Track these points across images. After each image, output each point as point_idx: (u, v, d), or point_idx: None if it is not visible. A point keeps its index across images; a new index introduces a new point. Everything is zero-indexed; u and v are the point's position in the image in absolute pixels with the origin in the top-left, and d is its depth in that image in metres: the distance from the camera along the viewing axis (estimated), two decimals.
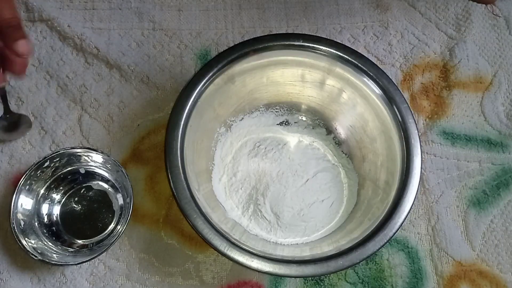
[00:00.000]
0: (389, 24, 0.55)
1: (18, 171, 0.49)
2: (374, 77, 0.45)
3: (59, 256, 0.43)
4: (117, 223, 0.47)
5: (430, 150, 0.50)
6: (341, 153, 0.50)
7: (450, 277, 0.46)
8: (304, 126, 0.51)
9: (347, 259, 0.39)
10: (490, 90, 0.53)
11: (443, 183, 0.49)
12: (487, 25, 0.55)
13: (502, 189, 0.49)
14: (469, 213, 0.48)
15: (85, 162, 0.47)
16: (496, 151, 0.50)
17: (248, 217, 0.46)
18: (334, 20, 0.56)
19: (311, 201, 0.46)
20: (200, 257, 0.46)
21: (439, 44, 0.55)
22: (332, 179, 0.48)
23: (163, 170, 0.45)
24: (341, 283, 0.46)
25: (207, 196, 0.45)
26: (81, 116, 0.51)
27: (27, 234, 0.44)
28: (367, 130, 0.47)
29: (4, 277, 0.45)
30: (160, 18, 0.55)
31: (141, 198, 0.48)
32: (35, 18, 0.54)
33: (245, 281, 0.46)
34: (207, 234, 0.39)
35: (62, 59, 0.53)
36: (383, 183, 0.45)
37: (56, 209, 0.47)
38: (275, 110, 0.51)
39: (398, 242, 0.47)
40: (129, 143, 0.50)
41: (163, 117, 0.51)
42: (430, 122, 0.51)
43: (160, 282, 0.46)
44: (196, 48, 0.54)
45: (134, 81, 0.52)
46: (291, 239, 0.46)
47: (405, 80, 0.53)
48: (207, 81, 0.44)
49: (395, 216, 0.40)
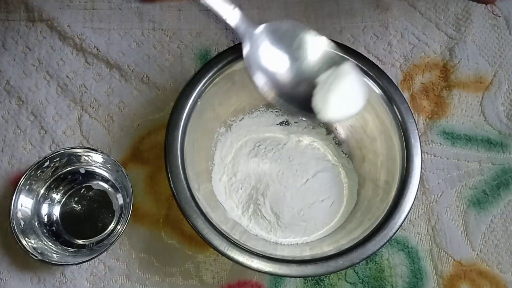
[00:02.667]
0: (389, 24, 0.55)
1: (18, 171, 0.49)
2: (374, 77, 0.45)
3: (59, 256, 0.43)
4: (117, 223, 0.47)
5: (430, 150, 0.50)
6: (341, 153, 0.50)
7: (450, 277, 0.46)
8: (304, 126, 0.51)
9: (347, 259, 0.39)
10: (490, 90, 0.53)
11: (443, 183, 0.49)
12: (487, 25, 0.55)
13: (502, 189, 0.49)
14: (469, 213, 0.48)
15: (85, 162, 0.47)
16: (496, 151, 0.50)
17: (248, 217, 0.46)
18: (334, 20, 0.56)
19: (311, 201, 0.46)
20: (200, 257, 0.46)
21: (439, 44, 0.55)
22: (332, 179, 0.48)
23: (163, 170, 0.45)
24: (341, 283, 0.46)
25: (207, 196, 0.45)
26: (81, 116, 0.51)
27: (27, 234, 0.44)
28: (367, 130, 0.47)
29: (4, 277, 0.45)
30: (160, 18, 0.55)
31: (141, 198, 0.48)
32: (35, 18, 0.54)
33: (245, 281, 0.46)
34: (207, 234, 0.39)
35: (62, 59, 0.53)
36: (383, 183, 0.45)
37: (56, 209, 0.47)
38: (275, 110, 0.51)
39: (398, 242, 0.47)
40: (129, 143, 0.50)
41: (163, 117, 0.51)
42: (430, 122, 0.51)
43: (160, 282, 0.46)
44: (196, 48, 0.54)
45: (134, 81, 0.52)
46: (291, 239, 0.46)
47: (405, 80, 0.53)
48: (207, 81, 0.44)
49: (395, 216, 0.40)
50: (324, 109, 0.35)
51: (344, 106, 0.35)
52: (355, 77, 0.36)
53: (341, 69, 0.35)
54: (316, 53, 0.35)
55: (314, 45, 0.35)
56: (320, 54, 0.35)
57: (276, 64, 0.34)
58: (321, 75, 0.36)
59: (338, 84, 0.35)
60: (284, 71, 0.35)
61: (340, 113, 0.35)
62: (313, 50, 0.35)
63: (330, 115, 0.35)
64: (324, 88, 0.35)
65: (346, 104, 0.35)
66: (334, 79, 0.35)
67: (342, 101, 0.35)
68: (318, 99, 0.35)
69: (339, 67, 0.35)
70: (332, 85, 0.35)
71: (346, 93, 0.35)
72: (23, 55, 0.53)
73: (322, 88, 0.35)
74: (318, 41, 0.35)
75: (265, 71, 0.34)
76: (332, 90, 0.35)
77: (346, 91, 0.35)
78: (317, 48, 0.35)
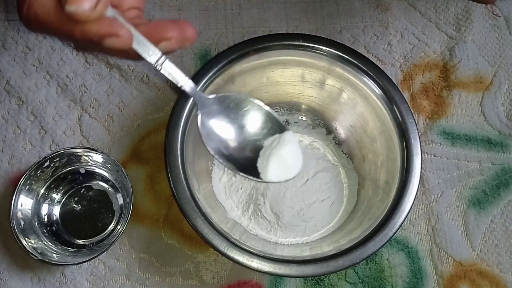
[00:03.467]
0: (389, 24, 0.55)
1: (18, 171, 0.49)
2: (374, 77, 0.45)
3: (59, 256, 0.43)
4: (117, 223, 0.47)
5: (430, 150, 0.50)
6: (341, 153, 0.50)
7: (450, 277, 0.46)
8: (304, 126, 0.51)
9: (347, 259, 0.39)
10: (490, 90, 0.53)
11: (443, 183, 0.49)
12: (487, 25, 0.55)
13: (502, 189, 0.49)
14: (469, 213, 0.48)
15: (85, 162, 0.47)
16: (496, 151, 0.50)
17: (248, 217, 0.46)
18: (334, 20, 0.56)
19: (311, 201, 0.46)
20: (200, 257, 0.46)
21: (439, 44, 0.55)
22: (332, 179, 0.48)
23: (163, 170, 0.45)
24: (341, 283, 0.46)
25: (207, 196, 0.45)
26: (81, 116, 0.51)
27: (27, 234, 0.43)
28: (367, 130, 0.47)
29: (4, 277, 0.45)
30: (160, 18, 0.55)
31: (141, 198, 0.48)
32: None
33: (245, 281, 0.46)
34: (207, 234, 0.39)
35: (62, 59, 0.53)
36: (383, 183, 0.45)
37: (56, 209, 0.47)
38: (275, 110, 0.51)
39: (398, 242, 0.47)
40: (129, 143, 0.50)
41: (163, 117, 0.51)
42: (430, 122, 0.51)
43: (160, 282, 0.46)
44: (196, 48, 0.54)
45: (134, 81, 0.52)
46: (291, 239, 0.46)
47: (405, 80, 0.53)
48: (207, 81, 0.44)
49: (395, 216, 0.40)
50: (265, 172, 0.39)
51: (282, 171, 0.40)
52: (294, 145, 0.40)
53: (283, 138, 0.40)
54: (263, 120, 0.39)
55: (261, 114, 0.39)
56: (266, 121, 0.39)
57: (225, 129, 0.38)
58: (267, 139, 0.40)
59: (279, 152, 0.39)
60: (233, 136, 0.39)
61: (279, 175, 0.40)
62: (260, 118, 0.39)
63: (269, 177, 0.39)
64: (266, 153, 0.40)
65: (284, 169, 0.40)
66: (276, 145, 0.39)
67: (281, 166, 0.40)
68: (261, 162, 0.40)
69: (282, 135, 0.40)
70: (274, 151, 0.39)
71: (284, 160, 0.40)
72: (23, 55, 0.53)
73: (265, 153, 0.40)
74: (263, 111, 0.39)
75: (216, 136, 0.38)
76: (273, 157, 0.39)
77: (285, 159, 0.40)
78: (264, 117, 0.39)
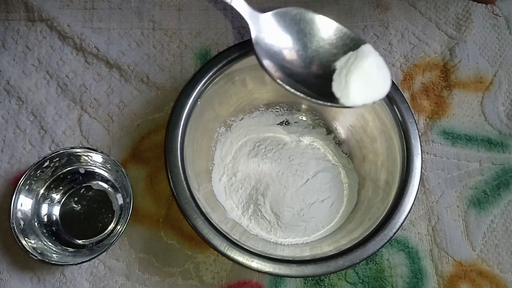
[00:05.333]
0: (389, 24, 0.55)
1: (18, 171, 0.49)
2: None
3: (59, 256, 0.43)
4: (117, 223, 0.47)
5: (430, 150, 0.50)
6: (341, 153, 0.50)
7: (450, 277, 0.46)
8: (304, 126, 0.51)
9: (347, 259, 0.39)
10: (491, 90, 0.53)
11: (444, 183, 0.49)
12: (488, 25, 0.55)
13: (503, 189, 0.49)
14: (469, 213, 0.48)
15: (85, 162, 0.47)
16: (497, 151, 0.50)
17: (248, 217, 0.46)
18: (334, 19, 0.55)
19: (311, 201, 0.46)
20: (200, 257, 0.46)
21: (440, 44, 0.55)
22: (332, 179, 0.48)
23: (163, 170, 0.45)
24: (341, 283, 0.46)
25: (207, 196, 0.45)
26: (81, 116, 0.51)
27: (27, 234, 0.43)
28: (367, 130, 0.47)
29: (4, 277, 0.45)
30: (160, 17, 0.55)
31: (141, 198, 0.48)
32: (35, 18, 0.54)
33: (245, 281, 0.46)
34: (207, 234, 0.39)
35: (62, 59, 0.53)
36: (383, 183, 0.45)
37: (56, 209, 0.47)
38: (275, 110, 0.51)
39: (398, 242, 0.47)
40: (129, 143, 0.50)
41: (163, 117, 0.51)
42: (430, 122, 0.51)
43: (160, 282, 0.46)
44: (196, 48, 0.54)
45: (134, 81, 0.52)
46: (291, 239, 0.46)
47: (405, 80, 0.53)
48: (207, 81, 0.44)
49: (395, 216, 0.40)
50: (346, 94, 0.32)
51: (368, 89, 0.32)
52: (377, 57, 0.33)
53: (361, 51, 0.32)
54: (330, 37, 0.32)
55: (327, 29, 0.32)
56: (335, 38, 0.32)
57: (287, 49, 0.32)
58: (339, 59, 0.33)
59: (360, 67, 0.32)
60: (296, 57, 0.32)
61: (365, 97, 0.32)
62: (327, 35, 0.32)
63: (353, 100, 0.32)
64: (343, 73, 0.32)
65: (371, 87, 0.32)
66: (354, 62, 0.32)
67: (366, 84, 0.32)
68: (339, 84, 0.32)
69: (358, 50, 0.33)
70: (352, 68, 0.32)
71: (369, 75, 0.32)
72: (23, 55, 0.53)
73: (342, 73, 0.32)
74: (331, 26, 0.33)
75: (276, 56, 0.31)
76: (354, 74, 0.32)
77: (369, 73, 0.32)
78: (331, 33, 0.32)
